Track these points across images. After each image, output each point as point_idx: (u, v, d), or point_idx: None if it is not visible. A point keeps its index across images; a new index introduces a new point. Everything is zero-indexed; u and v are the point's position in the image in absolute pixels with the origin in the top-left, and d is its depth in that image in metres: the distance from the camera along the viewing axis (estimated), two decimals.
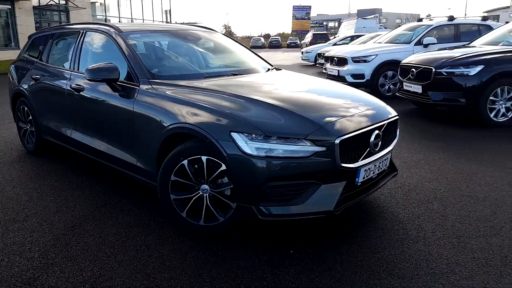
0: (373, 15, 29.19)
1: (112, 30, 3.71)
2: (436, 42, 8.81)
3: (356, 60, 8.98)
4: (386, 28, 33.31)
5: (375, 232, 2.88)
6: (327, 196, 2.59)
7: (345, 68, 9.25)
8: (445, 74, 6.15)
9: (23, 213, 3.32)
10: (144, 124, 3.06)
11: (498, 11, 71.33)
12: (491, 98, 5.98)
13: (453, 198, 3.46)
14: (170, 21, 44.81)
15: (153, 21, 40.73)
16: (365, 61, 8.90)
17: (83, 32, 4.03)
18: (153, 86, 3.13)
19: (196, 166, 2.77)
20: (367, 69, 8.86)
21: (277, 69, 4.12)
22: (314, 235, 2.86)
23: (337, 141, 2.53)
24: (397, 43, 9.52)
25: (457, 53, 6.42)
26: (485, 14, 21.92)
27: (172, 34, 4.09)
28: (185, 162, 2.76)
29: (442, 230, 2.90)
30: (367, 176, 2.81)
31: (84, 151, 3.88)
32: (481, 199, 3.42)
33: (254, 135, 2.49)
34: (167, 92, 3.03)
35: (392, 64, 8.84)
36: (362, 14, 57.50)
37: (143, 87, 3.16)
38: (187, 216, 2.85)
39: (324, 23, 78.78)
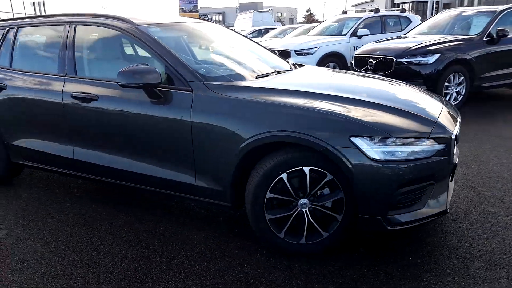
0: (268, 9, 30.00)
1: (124, 23, 3.03)
2: (369, 33, 9.30)
3: (299, 53, 9.02)
4: (281, 21, 34.55)
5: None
6: (439, 195, 2.46)
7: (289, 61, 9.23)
8: (405, 63, 6.49)
9: None
10: (211, 137, 2.55)
11: (364, 5, 79.19)
12: (445, 84, 6.49)
13: None
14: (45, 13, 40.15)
15: (25, 14, 36.11)
16: (307, 54, 8.99)
17: (71, 26, 3.23)
18: (213, 90, 2.62)
19: (296, 179, 2.40)
20: (310, 62, 8.95)
21: (300, 65, 3.83)
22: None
23: (453, 137, 2.42)
24: (332, 35, 9.82)
25: (410, 43, 6.82)
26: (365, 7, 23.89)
27: (188, 28, 3.52)
28: (283, 175, 2.38)
29: None
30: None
31: (96, 174, 3.14)
32: None
33: (376, 138, 2.23)
34: (237, 96, 2.57)
35: (333, 56, 9.09)
36: (244, 8, 58.81)
37: (198, 92, 2.63)
38: (285, 237, 2.48)
39: (209, 16, 78.58)
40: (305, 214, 2.44)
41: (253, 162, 2.51)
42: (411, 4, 64.24)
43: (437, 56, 6.35)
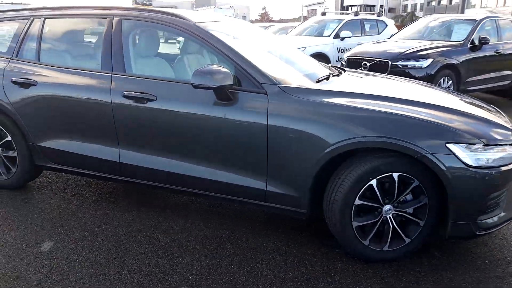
0: (229, 6, 29.83)
1: (183, 20, 2.86)
2: (351, 35, 9.50)
3: None
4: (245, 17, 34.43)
5: None
6: (509, 199, 2.56)
7: None
8: (400, 66, 6.69)
9: None
10: (290, 142, 2.48)
11: (315, 6, 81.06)
12: None
13: None
14: None
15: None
16: None
17: (113, 20, 2.98)
18: (290, 93, 2.55)
19: (384, 185, 2.40)
20: None
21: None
22: None
23: None
24: (313, 36, 9.93)
25: (402, 47, 7.05)
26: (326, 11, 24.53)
27: (238, 25, 3.38)
28: (373, 182, 2.37)
29: None
30: None
31: (147, 179, 2.94)
32: None
33: (470, 145, 2.28)
34: (320, 99, 2.51)
35: (318, 56, 9.17)
36: (200, 3, 58.11)
37: (274, 94, 2.54)
38: (370, 244, 2.46)
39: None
40: (390, 221, 2.44)
41: (332, 167, 2.47)
42: (359, 7, 66.73)
43: (430, 60, 6.62)
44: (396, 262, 2.49)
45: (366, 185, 2.37)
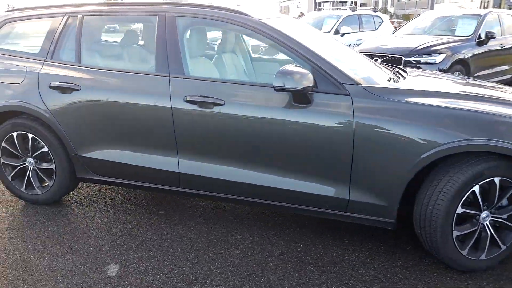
0: (208, 2, 29.31)
1: (246, 16, 2.63)
2: (351, 31, 9.42)
3: None
4: None
5: None
6: None
7: None
8: (414, 62, 6.63)
9: None
10: (381, 146, 2.30)
11: (288, 2, 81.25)
12: None
13: None
14: None
15: None
16: None
17: (165, 17, 2.72)
18: (376, 94, 2.37)
19: (484, 191, 2.26)
20: None
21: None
22: None
23: None
24: None
25: (413, 43, 7.00)
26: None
27: (290, 21, 3.16)
28: (476, 188, 2.23)
29: None
30: None
31: (211, 190, 2.71)
32: None
33: None
34: (406, 99, 2.34)
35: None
36: None
37: (359, 96, 2.36)
38: (468, 254, 2.33)
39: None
40: (487, 228, 2.32)
41: (422, 174, 2.32)
42: (331, 3, 67.29)
43: (443, 56, 6.59)
44: (492, 271, 2.37)
45: (468, 192, 2.22)
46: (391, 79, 2.74)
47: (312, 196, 2.51)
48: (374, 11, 10.79)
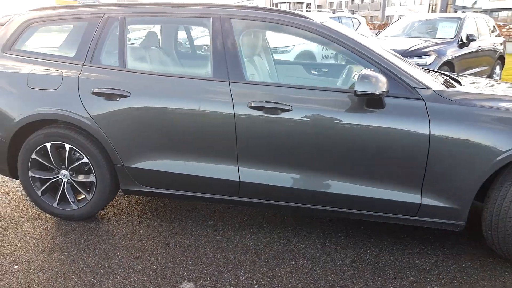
0: None
1: (308, 19, 2.57)
2: None
3: (274, 51, 8.81)
4: None
5: None
6: None
7: None
8: None
9: None
10: (456, 150, 2.32)
11: (247, 2, 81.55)
12: None
13: None
14: None
15: None
16: (282, 52, 8.84)
17: (220, 19, 2.59)
18: (448, 98, 2.39)
19: None
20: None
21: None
22: None
23: None
24: None
25: (403, 45, 7.19)
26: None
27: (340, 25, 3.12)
28: None
29: None
30: None
31: (274, 199, 2.61)
32: None
33: None
34: (477, 103, 2.37)
35: (305, 55, 9.09)
36: None
37: (431, 100, 2.37)
38: None
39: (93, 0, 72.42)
40: None
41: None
42: (289, 4, 68.22)
43: (433, 57, 6.83)
44: None
45: None
46: (445, 83, 2.77)
47: (382, 202, 2.48)
48: (352, 14, 11.01)
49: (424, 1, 53.91)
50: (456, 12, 28.23)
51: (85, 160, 2.74)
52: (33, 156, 2.79)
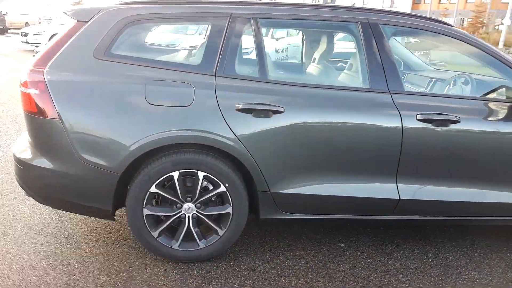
0: None
1: (452, 26, 2.52)
2: (285, 36, 9.62)
3: None
4: None
5: None
6: None
7: None
8: None
9: None
10: None
11: None
12: None
13: None
14: None
15: None
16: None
17: (369, 24, 2.39)
18: None
19: None
20: None
21: None
22: None
23: None
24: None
25: None
26: None
27: None
28: None
29: None
30: None
31: (430, 215, 2.51)
32: None
33: None
34: None
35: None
36: None
37: None
38: None
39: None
40: None
41: None
42: None
43: None
44: None
45: None
46: None
47: None
48: None
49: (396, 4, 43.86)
50: None
51: (222, 189, 2.29)
52: (152, 189, 2.24)
